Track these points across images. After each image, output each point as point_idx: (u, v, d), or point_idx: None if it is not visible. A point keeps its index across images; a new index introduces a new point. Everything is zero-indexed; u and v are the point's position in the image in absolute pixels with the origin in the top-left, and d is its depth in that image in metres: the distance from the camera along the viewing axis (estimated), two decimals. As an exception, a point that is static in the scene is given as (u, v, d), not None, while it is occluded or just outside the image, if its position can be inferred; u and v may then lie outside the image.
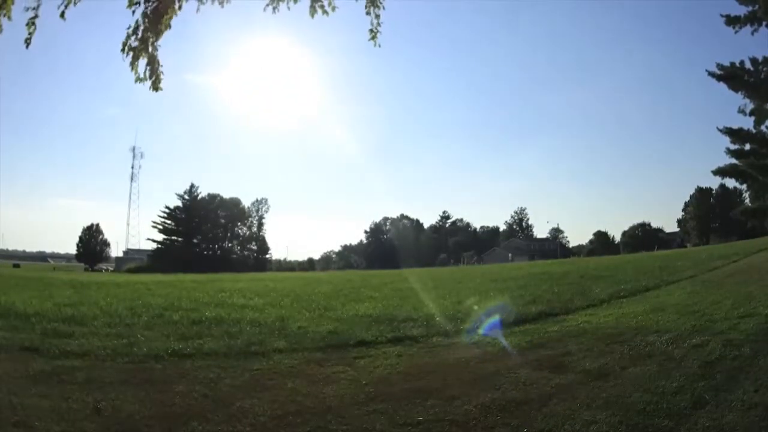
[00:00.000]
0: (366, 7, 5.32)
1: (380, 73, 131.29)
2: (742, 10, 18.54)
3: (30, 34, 4.69)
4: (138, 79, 5.07)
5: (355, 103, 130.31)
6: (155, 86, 5.14)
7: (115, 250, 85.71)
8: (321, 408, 4.28)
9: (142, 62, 5.06)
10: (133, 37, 4.97)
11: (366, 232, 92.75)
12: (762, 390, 4.10)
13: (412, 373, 5.42)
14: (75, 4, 4.75)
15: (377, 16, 5.33)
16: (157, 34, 5.02)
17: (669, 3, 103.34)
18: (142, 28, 4.95)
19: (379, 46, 5.37)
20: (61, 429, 3.76)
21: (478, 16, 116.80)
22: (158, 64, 5.12)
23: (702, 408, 3.84)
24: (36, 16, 4.64)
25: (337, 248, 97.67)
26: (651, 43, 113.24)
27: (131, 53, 4.98)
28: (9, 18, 4.62)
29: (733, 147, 24.10)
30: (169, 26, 5.06)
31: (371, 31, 5.37)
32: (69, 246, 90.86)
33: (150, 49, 5.03)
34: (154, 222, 76.71)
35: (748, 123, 22.33)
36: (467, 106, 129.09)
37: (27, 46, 4.71)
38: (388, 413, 4.10)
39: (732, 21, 18.57)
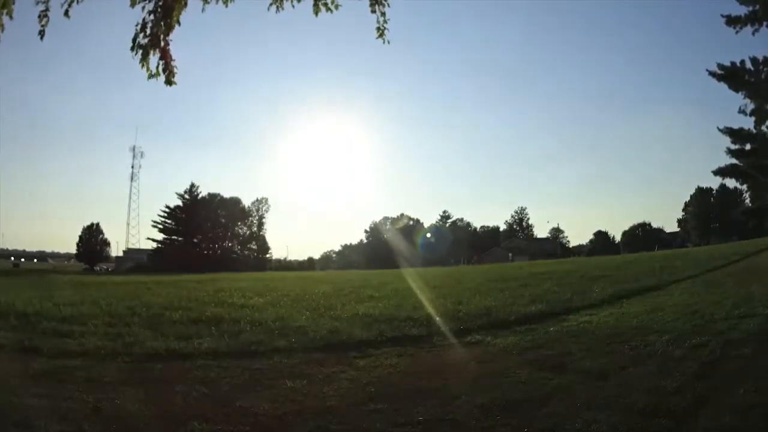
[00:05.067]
0: (371, 5, 5.30)
1: (381, 74, 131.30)
2: (742, 10, 18.51)
3: (42, 27, 4.71)
4: (150, 76, 5.06)
5: (355, 103, 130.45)
6: (169, 80, 5.14)
7: (115, 250, 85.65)
8: (321, 408, 4.28)
9: (153, 58, 5.06)
10: (141, 35, 4.97)
11: (366, 231, 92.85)
12: (762, 390, 4.10)
13: (412, 373, 5.42)
14: (78, 2, 4.75)
15: (383, 14, 5.32)
16: (168, 29, 5.02)
17: (669, 3, 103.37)
18: (150, 24, 4.95)
19: (388, 42, 5.36)
20: (61, 429, 3.76)
21: (479, 14, 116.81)
22: (171, 59, 5.12)
23: (702, 408, 3.84)
24: (47, 9, 4.65)
25: (337, 248, 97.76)
26: (651, 42, 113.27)
27: (140, 50, 4.98)
28: (11, 17, 4.62)
29: (733, 147, 24.07)
30: (179, 22, 5.06)
31: (378, 29, 5.35)
32: (69, 245, 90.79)
33: (162, 44, 5.03)
34: (154, 221, 76.72)
35: (748, 123, 22.26)
36: (468, 106, 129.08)
37: (41, 38, 4.74)
38: (388, 413, 4.10)
39: (732, 21, 18.53)
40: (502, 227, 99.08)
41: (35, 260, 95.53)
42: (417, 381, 5.07)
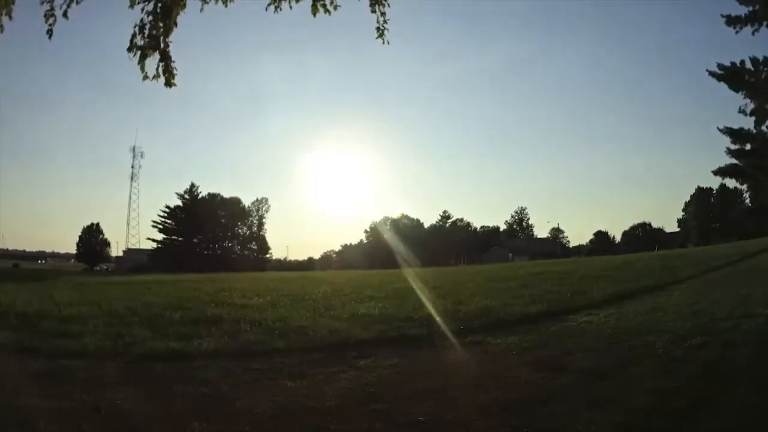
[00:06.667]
0: (371, 5, 5.28)
1: (381, 73, 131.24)
2: (742, 10, 18.50)
3: (50, 26, 4.71)
4: (146, 77, 5.06)
5: (355, 103, 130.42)
6: (169, 82, 5.13)
7: (115, 250, 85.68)
8: (321, 408, 4.28)
9: (150, 60, 5.06)
10: (139, 36, 4.97)
11: (366, 231, 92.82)
12: (763, 390, 4.10)
13: (412, 373, 5.42)
14: (77, 2, 4.75)
15: (383, 14, 5.30)
16: (167, 30, 5.01)
17: (669, 3, 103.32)
18: (149, 26, 4.95)
19: (388, 43, 5.34)
20: (61, 429, 3.76)
21: (478, 14, 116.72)
22: (171, 60, 5.12)
23: (702, 408, 3.83)
24: (52, 9, 4.65)
25: (337, 248, 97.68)
26: (651, 42, 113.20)
27: (139, 52, 4.98)
28: (10, 18, 4.62)
29: (733, 147, 24.07)
30: (176, 23, 5.06)
31: (378, 29, 5.33)
32: (69, 246, 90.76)
33: (162, 45, 5.03)
34: (155, 222, 76.81)
35: (748, 123, 22.25)
36: (467, 106, 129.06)
37: (50, 38, 4.73)
38: (388, 413, 4.09)
39: (732, 21, 18.52)
40: (502, 227, 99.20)
41: (35, 260, 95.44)
42: (417, 381, 5.07)
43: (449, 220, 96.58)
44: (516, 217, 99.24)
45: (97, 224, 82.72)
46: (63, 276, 32.73)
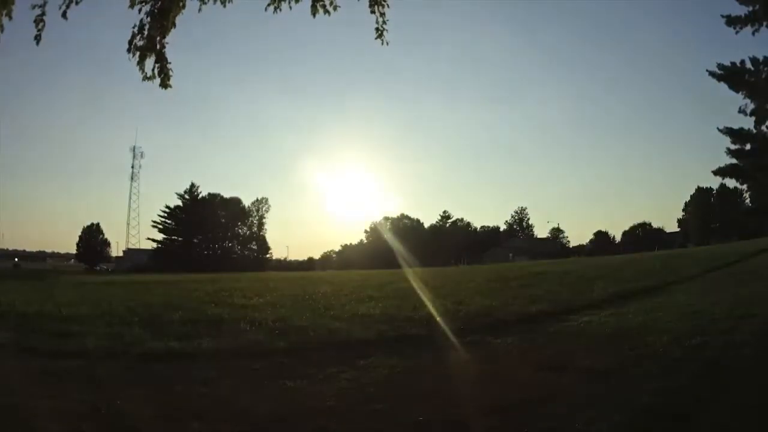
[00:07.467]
0: (370, 6, 5.28)
1: (381, 73, 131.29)
2: (742, 10, 18.53)
3: (39, 31, 4.72)
4: (145, 78, 5.08)
5: (355, 103, 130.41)
6: (164, 83, 5.15)
7: (116, 250, 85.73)
8: (321, 408, 4.27)
9: (149, 60, 5.07)
10: (138, 36, 4.98)
11: (366, 231, 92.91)
12: (763, 390, 4.10)
13: (412, 373, 5.41)
14: (77, 3, 4.75)
15: (382, 14, 5.30)
16: (164, 32, 5.03)
17: (669, 3, 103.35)
18: (147, 26, 4.96)
19: (387, 44, 5.34)
20: (61, 429, 3.76)
21: (479, 13, 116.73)
22: (166, 62, 5.13)
23: (702, 408, 3.83)
24: (43, 14, 4.66)
25: (337, 248, 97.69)
26: (651, 42, 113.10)
27: (138, 52, 5.00)
28: (10, 18, 4.62)
29: (733, 147, 24.11)
30: (174, 24, 5.07)
31: (377, 29, 5.33)
32: (69, 246, 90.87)
33: (158, 46, 5.04)
34: (155, 222, 76.91)
35: (748, 123, 22.30)
36: (468, 106, 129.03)
37: (37, 44, 4.74)
38: (388, 413, 4.09)
39: (732, 21, 18.55)
40: (502, 227, 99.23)
41: (35, 260, 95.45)
42: (417, 381, 5.07)
43: (449, 220, 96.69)
44: (516, 217, 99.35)
45: (97, 224, 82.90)
46: (63, 276, 32.76)
